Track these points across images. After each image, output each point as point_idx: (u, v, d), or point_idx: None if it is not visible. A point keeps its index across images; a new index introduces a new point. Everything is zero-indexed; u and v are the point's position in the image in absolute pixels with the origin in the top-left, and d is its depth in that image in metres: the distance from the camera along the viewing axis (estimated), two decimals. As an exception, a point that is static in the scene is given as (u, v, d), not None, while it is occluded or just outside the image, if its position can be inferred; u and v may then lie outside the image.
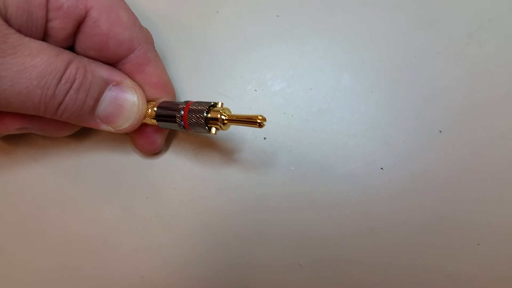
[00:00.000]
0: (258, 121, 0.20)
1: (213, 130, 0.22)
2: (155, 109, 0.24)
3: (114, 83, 0.23)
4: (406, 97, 0.27)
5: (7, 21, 0.19)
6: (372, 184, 0.26)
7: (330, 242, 0.26)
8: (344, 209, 0.26)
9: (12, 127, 0.23)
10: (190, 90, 0.29)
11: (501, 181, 0.25)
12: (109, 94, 0.23)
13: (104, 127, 0.24)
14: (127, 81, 0.24)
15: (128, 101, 0.23)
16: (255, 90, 0.28)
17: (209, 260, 0.26)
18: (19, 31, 0.20)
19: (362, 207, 0.26)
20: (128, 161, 0.28)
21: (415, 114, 0.27)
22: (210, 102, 0.22)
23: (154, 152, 0.28)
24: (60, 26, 0.22)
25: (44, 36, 0.22)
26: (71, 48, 0.24)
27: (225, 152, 0.28)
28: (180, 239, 0.27)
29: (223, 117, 0.22)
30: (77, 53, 0.24)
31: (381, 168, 0.26)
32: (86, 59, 0.23)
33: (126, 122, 0.24)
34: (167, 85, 0.26)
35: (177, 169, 0.28)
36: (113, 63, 0.24)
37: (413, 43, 0.28)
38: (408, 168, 0.26)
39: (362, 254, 0.25)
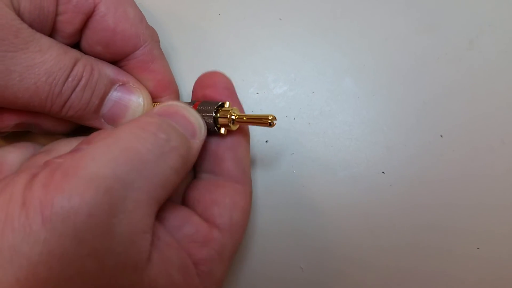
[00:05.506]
0: (269, 120, 0.20)
1: (222, 130, 0.22)
2: None
3: (120, 83, 0.23)
4: (407, 101, 0.27)
5: (20, 16, 0.19)
6: (373, 188, 0.26)
7: (331, 246, 0.26)
8: (345, 213, 0.26)
9: (10, 122, 0.23)
10: (191, 92, 0.29)
11: (501, 186, 0.26)
12: (115, 94, 0.23)
13: (108, 127, 0.23)
14: (133, 82, 0.24)
15: (133, 102, 0.23)
16: (257, 93, 0.28)
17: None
18: (31, 26, 0.20)
19: (363, 210, 0.26)
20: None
21: (416, 118, 0.27)
22: (218, 102, 0.22)
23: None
24: (68, 20, 0.22)
25: (51, 31, 0.22)
26: (76, 45, 0.24)
27: (226, 155, 0.27)
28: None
29: (232, 117, 0.21)
30: (83, 50, 0.24)
31: (383, 172, 0.26)
32: (93, 58, 0.22)
33: None
34: (172, 84, 0.26)
35: (178, 171, 0.28)
36: (119, 59, 0.24)
37: (414, 48, 0.28)
38: (409, 172, 0.26)
39: (363, 257, 0.25)
